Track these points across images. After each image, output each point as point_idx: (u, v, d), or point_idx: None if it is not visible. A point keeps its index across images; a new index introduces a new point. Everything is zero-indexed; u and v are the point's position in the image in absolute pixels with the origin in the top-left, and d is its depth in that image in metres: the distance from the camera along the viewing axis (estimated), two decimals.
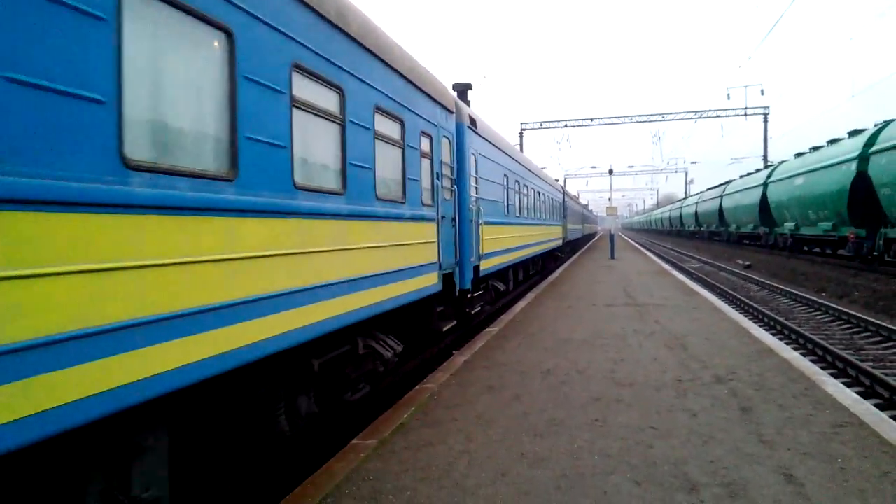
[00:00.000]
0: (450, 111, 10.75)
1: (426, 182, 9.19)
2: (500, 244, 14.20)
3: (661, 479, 4.71)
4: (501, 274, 15.65)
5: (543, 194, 24.25)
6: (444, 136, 10.33)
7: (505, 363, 8.83)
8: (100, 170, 3.17)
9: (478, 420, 6.28)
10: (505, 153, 15.91)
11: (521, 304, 15.76)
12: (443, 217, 9.87)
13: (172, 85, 3.87)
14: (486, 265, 12.53)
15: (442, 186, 9.97)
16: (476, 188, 12.08)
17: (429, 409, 6.71)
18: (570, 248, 42.82)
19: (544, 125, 60.49)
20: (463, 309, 11.84)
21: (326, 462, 5.32)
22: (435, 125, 9.71)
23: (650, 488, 4.56)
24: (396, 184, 7.95)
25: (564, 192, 36.40)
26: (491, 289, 14.54)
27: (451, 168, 10.72)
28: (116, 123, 3.28)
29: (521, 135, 59.85)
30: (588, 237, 72.97)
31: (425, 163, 9.20)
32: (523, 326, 12.04)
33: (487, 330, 11.86)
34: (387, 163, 7.56)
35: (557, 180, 37.34)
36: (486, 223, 12.58)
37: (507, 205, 15.91)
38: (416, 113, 8.70)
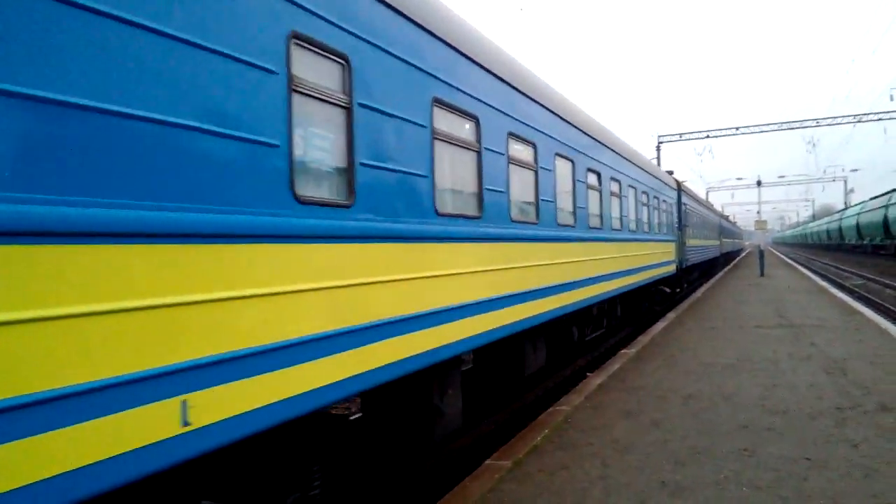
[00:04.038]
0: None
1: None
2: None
3: None
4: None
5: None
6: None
7: (642, 387, 8.55)
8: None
9: (614, 445, 6.13)
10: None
11: (661, 324, 15.17)
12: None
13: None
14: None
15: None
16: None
17: (563, 432, 6.64)
18: (697, 273, 31.55)
19: (684, 137, 58.10)
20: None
21: (461, 481, 5.42)
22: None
23: None
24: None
25: (681, 192, 24.01)
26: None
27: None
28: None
29: (658, 148, 57.87)
30: (731, 256, 62.88)
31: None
32: (662, 349, 11.59)
33: (623, 351, 11.54)
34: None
35: (671, 173, 25.36)
36: None
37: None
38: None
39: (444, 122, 5.76)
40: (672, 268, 20.01)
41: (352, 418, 7.79)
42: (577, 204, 9.99)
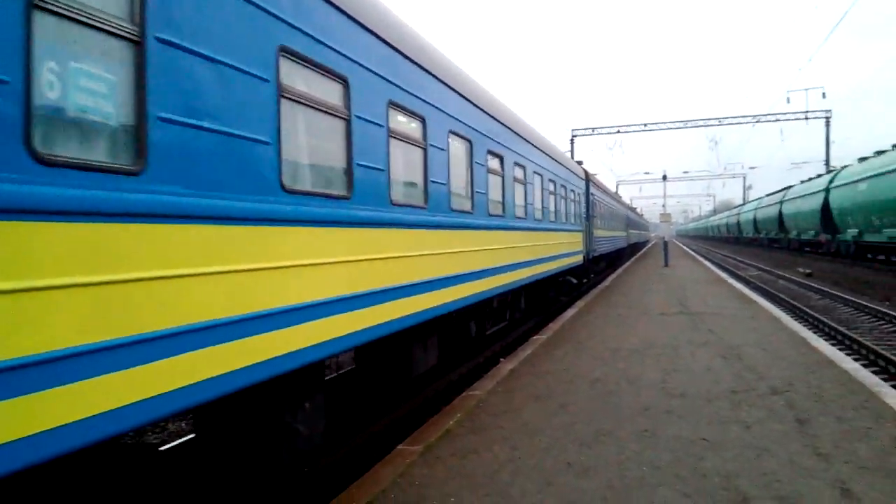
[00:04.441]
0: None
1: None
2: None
3: (712, 492, 4.60)
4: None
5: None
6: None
7: (552, 372, 8.76)
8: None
9: (524, 428, 6.25)
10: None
11: (571, 311, 15.60)
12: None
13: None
14: None
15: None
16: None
17: (475, 416, 6.71)
18: (604, 264, 31.76)
19: (596, 131, 59.86)
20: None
21: (372, 467, 5.38)
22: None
23: (700, 501, 4.46)
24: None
25: (589, 182, 23.87)
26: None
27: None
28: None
29: (572, 141, 59.37)
30: (637, 247, 64.35)
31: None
32: (572, 334, 11.92)
33: (535, 337, 11.79)
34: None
35: (581, 163, 25.37)
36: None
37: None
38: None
39: (297, 78, 4.88)
40: (579, 258, 19.85)
41: (163, 448, 6.62)
42: (474, 188, 9.29)
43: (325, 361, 5.69)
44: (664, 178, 39.19)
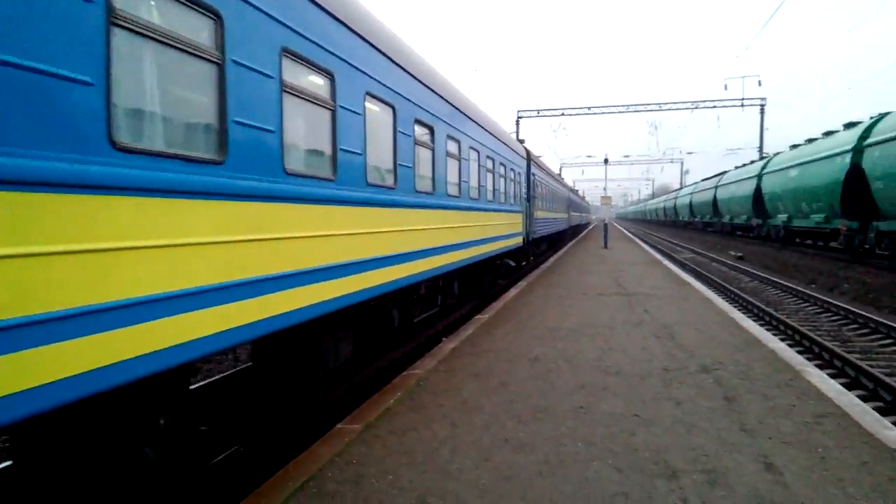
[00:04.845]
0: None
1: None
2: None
3: (643, 466, 4.75)
4: None
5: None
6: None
7: (493, 350, 8.86)
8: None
9: (463, 406, 6.31)
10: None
11: (513, 291, 15.79)
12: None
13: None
14: None
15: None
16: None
17: (415, 395, 6.73)
18: (545, 246, 31.25)
19: (541, 113, 60.41)
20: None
21: (310, 446, 5.34)
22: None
23: (631, 475, 4.60)
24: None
25: (530, 162, 23.20)
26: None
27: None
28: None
29: (517, 122, 59.74)
30: (578, 229, 64.74)
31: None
32: (513, 314, 12.07)
33: (477, 317, 11.89)
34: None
35: (523, 142, 25.23)
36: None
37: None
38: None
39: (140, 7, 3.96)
40: (519, 240, 19.31)
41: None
42: (398, 161, 8.35)
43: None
44: (606, 161, 39.84)
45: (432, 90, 10.13)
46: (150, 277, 3.85)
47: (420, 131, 9.46)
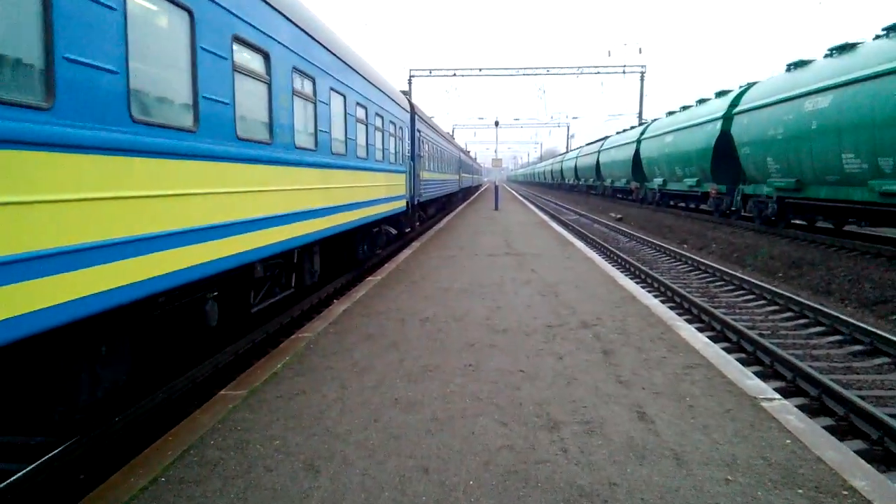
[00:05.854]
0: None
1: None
2: None
3: (526, 419, 4.93)
4: None
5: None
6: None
7: (384, 311, 8.87)
8: None
9: (353, 368, 6.29)
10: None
11: (406, 252, 15.83)
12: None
13: None
14: None
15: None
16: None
17: (304, 358, 6.64)
18: (434, 209, 29.78)
19: (433, 73, 60.18)
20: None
21: (190, 414, 5.16)
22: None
23: (515, 428, 4.77)
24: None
25: (415, 116, 21.01)
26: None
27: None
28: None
29: (409, 81, 59.22)
30: (470, 191, 64.06)
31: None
32: (405, 275, 12.12)
33: (370, 278, 11.84)
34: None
35: (406, 93, 22.73)
36: None
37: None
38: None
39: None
40: (402, 203, 17.44)
41: None
42: (198, 92, 5.71)
43: None
44: (496, 123, 40.39)
45: (271, 6, 7.47)
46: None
47: (250, 59, 7.02)
